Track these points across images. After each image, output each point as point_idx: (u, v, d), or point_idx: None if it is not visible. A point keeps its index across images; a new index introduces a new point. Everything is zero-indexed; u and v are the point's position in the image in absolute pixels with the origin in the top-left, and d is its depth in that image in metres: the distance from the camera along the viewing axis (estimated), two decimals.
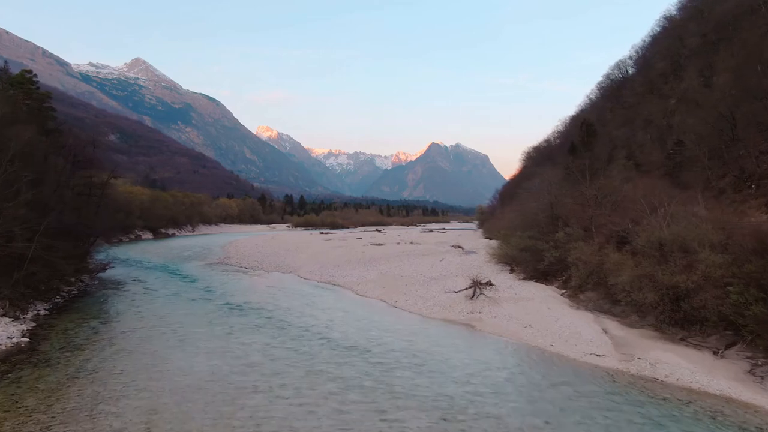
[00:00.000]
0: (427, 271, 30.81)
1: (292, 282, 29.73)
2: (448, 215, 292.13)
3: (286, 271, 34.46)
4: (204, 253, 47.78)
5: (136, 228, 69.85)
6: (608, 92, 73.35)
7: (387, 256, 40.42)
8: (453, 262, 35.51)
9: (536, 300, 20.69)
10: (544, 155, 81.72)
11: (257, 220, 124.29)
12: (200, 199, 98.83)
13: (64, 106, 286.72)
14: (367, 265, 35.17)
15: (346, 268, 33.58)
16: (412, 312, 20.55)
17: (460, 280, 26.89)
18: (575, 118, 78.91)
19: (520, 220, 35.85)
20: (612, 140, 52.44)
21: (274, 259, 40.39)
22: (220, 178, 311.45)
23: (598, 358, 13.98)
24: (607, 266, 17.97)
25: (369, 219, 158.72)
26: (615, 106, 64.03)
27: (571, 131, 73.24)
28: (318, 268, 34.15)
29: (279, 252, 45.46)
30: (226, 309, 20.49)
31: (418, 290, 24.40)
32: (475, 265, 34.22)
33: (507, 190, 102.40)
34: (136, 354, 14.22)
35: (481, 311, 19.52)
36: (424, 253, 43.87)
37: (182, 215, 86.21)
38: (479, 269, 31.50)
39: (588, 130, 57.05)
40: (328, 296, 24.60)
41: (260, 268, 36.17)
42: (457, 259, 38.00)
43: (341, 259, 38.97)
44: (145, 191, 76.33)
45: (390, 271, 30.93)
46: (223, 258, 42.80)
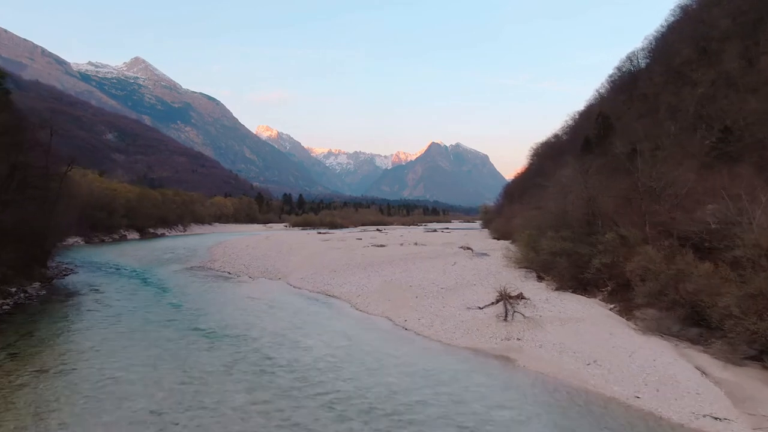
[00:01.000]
0: (439, 278, 25.98)
1: (280, 292, 24.89)
2: (449, 215, 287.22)
3: (275, 278, 29.62)
4: (187, 256, 42.96)
5: (120, 228, 65.03)
6: (620, 85, 69.10)
7: (390, 260, 35.63)
8: (467, 267, 30.70)
9: (588, 321, 15.87)
10: (554, 150, 76.90)
11: (253, 219, 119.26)
12: (192, 198, 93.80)
13: (62, 104, 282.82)
14: (368, 270, 30.37)
15: (343, 274, 28.77)
16: (429, 337, 15.73)
17: (480, 290, 22.12)
18: (585, 113, 74.49)
19: (543, 219, 31.05)
20: (632, 133, 47.99)
21: (263, 263, 35.57)
22: (219, 178, 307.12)
23: (719, 424, 9.20)
24: (694, 280, 13.16)
25: (369, 218, 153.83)
26: (631, 98, 59.42)
27: (581, 126, 68.78)
28: (311, 274, 29.33)
29: (269, 254, 40.64)
30: (190, 337, 15.48)
31: (432, 305, 19.57)
32: (492, 270, 29.48)
33: (514, 187, 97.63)
34: None
35: (519, 337, 14.72)
36: (432, 256, 39.07)
37: (173, 214, 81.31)
38: (498, 275, 26.76)
39: (604, 122, 52.71)
40: (323, 314, 19.73)
41: (245, 274, 31.35)
42: (470, 263, 33.19)
43: (339, 262, 34.16)
44: (132, 188, 71.49)
45: (395, 279, 26.09)
46: (206, 261, 37.99)
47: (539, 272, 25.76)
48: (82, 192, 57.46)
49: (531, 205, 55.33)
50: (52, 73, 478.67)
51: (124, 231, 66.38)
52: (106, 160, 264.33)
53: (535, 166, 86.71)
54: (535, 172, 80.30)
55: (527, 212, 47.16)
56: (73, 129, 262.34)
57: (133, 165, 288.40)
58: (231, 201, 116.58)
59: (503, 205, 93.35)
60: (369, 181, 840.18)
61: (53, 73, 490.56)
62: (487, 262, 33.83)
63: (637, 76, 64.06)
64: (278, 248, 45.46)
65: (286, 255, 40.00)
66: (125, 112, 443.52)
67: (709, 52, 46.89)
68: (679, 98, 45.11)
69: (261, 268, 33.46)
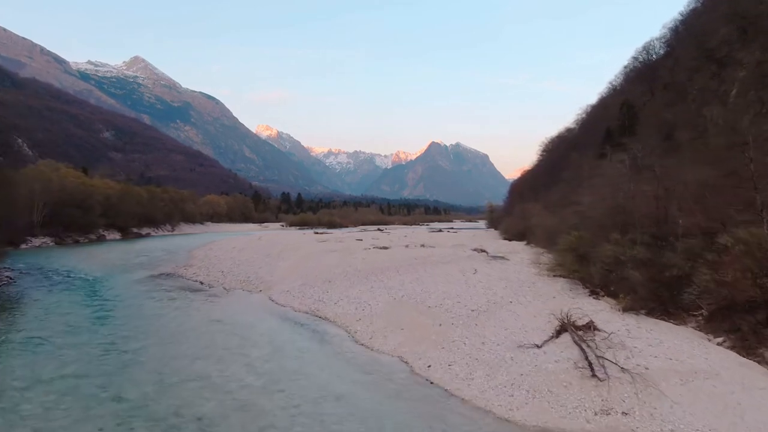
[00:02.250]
0: (463, 292, 20.04)
1: (257, 313, 18.88)
2: (451, 214, 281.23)
3: (255, 290, 23.68)
4: (162, 260, 37.01)
5: (98, 227, 59.06)
6: (638, 76, 63.78)
7: (396, 265, 29.69)
8: (491, 276, 24.77)
9: (724, 377, 9.91)
10: (568, 144, 71.06)
11: (249, 218, 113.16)
12: (183, 196, 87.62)
13: (59, 102, 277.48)
14: (370, 279, 24.44)
15: (340, 286, 22.83)
16: (470, 401, 9.77)
17: (522, 311, 16.28)
18: (599, 106, 69.17)
19: (591, 218, 25.16)
20: (661, 122, 42.34)
21: (246, 270, 29.62)
22: (218, 176, 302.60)
23: None
24: None
25: (369, 218, 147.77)
26: (651, 88, 53.66)
27: (596, 119, 63.26)
28: (300, 286, 23.39)
29: (256, 258, 34.66)
30: (98, 408, 9.64)
31: (465, 338, 13.59)
32: (523, 278, 23.61)
33: (522, 185, 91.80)
34: None
35: (626, 410, 8.78)
36: (444, 260, 33.13)
37: (160, 213, 75.29)
38: (534, 287, 20.90)
39: (629, 112, 47.19)
40: (311, 354, 13.55)
41: (221, 284, 25.41)
42: (493, 270, 27.25)
43: (335, 269, 28.20)
44: (113, 185, 65.42)
45: (406, 293, 20.11)
46: (180, 267, 32.01)
47: (590, 285, 19.86)
48: (51, 188, 51.64)
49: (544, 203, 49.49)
50: (51, 72, 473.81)
51: (103, 231, 60.43)
52: (104, 159, 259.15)
53: (546, 161, 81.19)
54: (548, 168, 74.67)
55: (546, 211, 41.20)
56: (70, 127, 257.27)
57: (131, 163, 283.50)
58: (225, 199, 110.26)
59: (512, 204, 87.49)
60: (369, 180, 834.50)
61: (52, 71, 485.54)
62: (513, 269, 27.92)
63: (657, 65, 58.75)
64: (267, 251, 39.52)
65: (275, 259, 34.04)
66: (124, 111, 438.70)
67: (758, 29, 41.17)
68: (720, 81, 39.50)
69: (242, 276, 27.53)
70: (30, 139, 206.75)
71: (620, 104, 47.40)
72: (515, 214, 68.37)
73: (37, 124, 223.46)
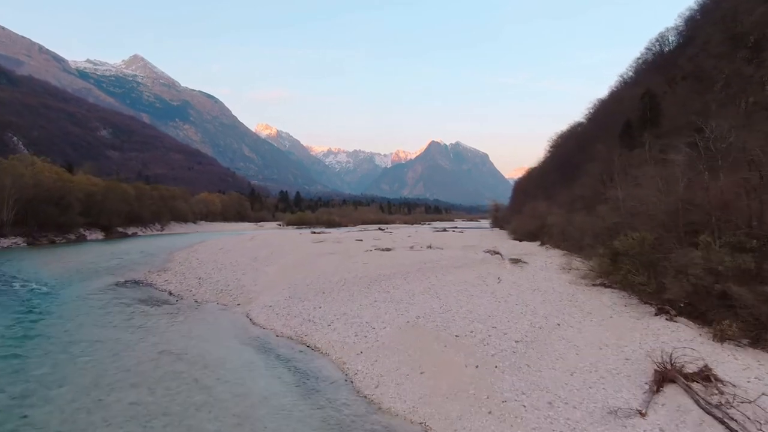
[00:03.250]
0: (493, 309, 15.58)
1: (226, 340, 14.25)
2: (452, 213, 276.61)
3: (232, 304, 19.20)
4: (138, 263, 32.46)
5: (78, 226, 54.48)
6: (653, 67, 59.64)
7: (403, 271, 25.25)
8: (521, 286, 20.31)
9: None
10: (581, 140, 66.64)
11: (245, 217, 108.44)
12: (174, 193, 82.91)
13: (55, 100, 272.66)
14: (373, 289, 20.00)
15: (336, 299, 18.35)
16: None
17: (579, 340, 11.89)
18: (610, 101, 64.91)
19: (631, 217, 20.73)
20: (688, 111, 38.05)
21: (227, 276, 25.13)
22: (216, 175, 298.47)
23: None
24: None
25: (369, 217, 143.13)
26: (670, 79, 49.28)
27: (608, 112, 58.95)
28: (287, 299, 18.88)
29: (241, 262, 30.15)
30: None
31: (520, 392, 9.00)
32: (558, 288, 19.20)
33: (529, 183, 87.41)
34: None
35: None
36: (458, 264, 28.69)
37: (148, 211, 70.69)
38: (575, 300, 16.55)
39: (651, 102, 42.90)
40: (291, 416, 9.08)
41: (192, 296, 20.91)
42: (521, 279, 22.76)
43: (331, 276, 23.72)
44: (97, 181, 60.80)
45: (422, 312, 15.58)
46: (154, 272, 27.51)
47: (653, 301, 15.41)
48: (24, 183, 47.13)
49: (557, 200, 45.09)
50: (49, 70, 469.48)
51: (84, 230, 55.87)
52: (101, 157, 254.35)
53: (555, 158, 76.90)
54: (558, 164, 70.35)
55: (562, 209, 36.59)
56: (67, 125, 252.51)
57: (128, 162, 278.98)
58: (219, 197, 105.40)
59: (518, 202, 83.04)
60: (368, 179, 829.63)
61: (51, 70, 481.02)
62: (540, 276, 23.48)
63: (675, 55, 54.55)
64: (256, 253, 35.03)
65: (263, 263, 29.55)
66: (123, 109, 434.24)
67: None
68: (757, 65, 35.21)
69: (220, 284, 23.05)
70: (25, 137, 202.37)
71: (641, 95, 43.05)
72: (525, 213, 63.87)
73: (32, 122, 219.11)
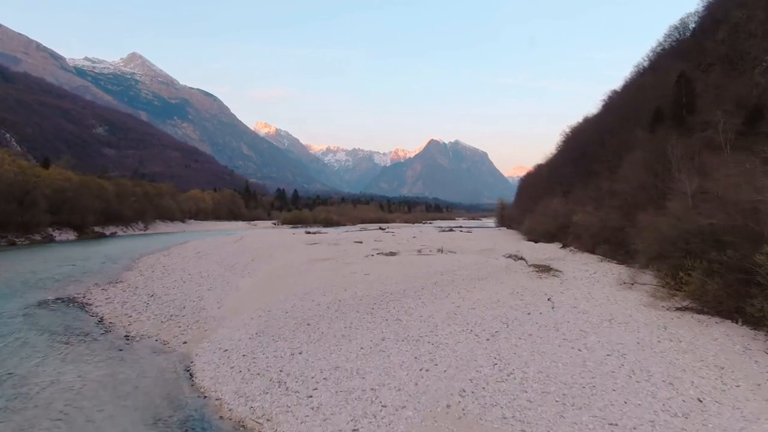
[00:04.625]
0: (580, 370, 9.71)
1: (131, 427, 8.52)
2: (453, 212, 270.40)
3: (175, 343, 13.12)
4: (92, 271, 26.42)
5: (45, 225, 48.42)
6: (677, 53, 54.22)
7: (416, 286, 19.34)
8: (590, 315, 14.37)
9: None
10: (598, 132, 60.64)
11: (238, 216, 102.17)
12: (160, 190, 76.71)
13: (51, 97, 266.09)
14: (377, 318, 14.08)
15: (324, 339, 12.28)
16: None
17: None
18: (626, 91, 59.12)
19: None
20: (728, 97, 32.50)
21: (188, 292, 19.15)
22: (213, 173, 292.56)
23: None
24: None
25: (369, 216, 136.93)
26: (698, 64, 43.61)
27: (625, 103, 53.08)
28: (252, 338, 12.74)
29: (213, 271, 24.17)
30: None
31: None
32: (639, 317, 13.37)
33: (538, 180, 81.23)
34: None
35: None
36: (480, 275, 22.81)
37: (130, 209, 64.58)
38: (692, 347, 10.72)
39: (687, 86, 37.27)
40: None
41: (127, 326, 14.87)
42: (581, 302, 16.82)
43: (321, 296, 17.73)
44: (68, 176, 54.62)
45: (469, 383, 9.74)
46: (102, 285, 21.50)
47: None
48: None
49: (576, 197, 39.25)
50: (47, 68, 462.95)
51: (53, 230, 49.84)
52: (96, 155, 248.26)
53: (568, 152, 70.98)
54: (574, 158, 64.42)
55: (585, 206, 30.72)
56: (62, 122, 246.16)
57: (124, 159, 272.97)
58: (210, 195, 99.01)
59: (530, 200, 76.94)
60: (368, 178, 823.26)
61: (48, 67, 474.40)
62: (601, 295, 17.61)
63: (699, 40, 48.95)
64: (236, 258, 29.09)
65: (240, 273, 23.63)
66: (121, 107, 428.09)
67: None
68: None
69: (173, 306, 17.11)
70: (18, 134, 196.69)
71: (675, 79, 37.20)
72: (538, 212, 57.78)
73: (26, 119, 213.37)
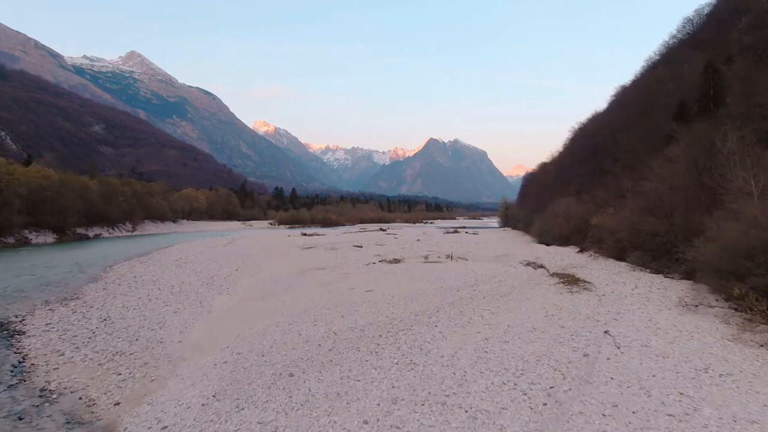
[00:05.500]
0: None
1: None
2: (453, 211, 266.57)
3: (102, 407, 8.90)
4: (51, 283, 22.55)
5: (19, 227, 44.58)
6: (684, 45, 51.22)
7: (430, 307, 15.53)
8: (679, 365, 10.72)
9: None
10: (613, 126, 56.91)
11: (233, 215, 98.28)
12: (150, 189, 72.81)
13: (47, 95, 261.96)
14: (385, 360, 10.28)
15: (309, 404, 8.35)
16: None
17: None
18: (634, 86, 55.53)
19: None
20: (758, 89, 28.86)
21: (149, 315, 15.30)
22: (211, 171, 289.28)
23: None
24: None
25: (368, 215, 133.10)
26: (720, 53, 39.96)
27: (638, 97, 49.40)
28: (205, 405, 8.77)
29: (188, 285, 20.37)
30: None
31: None
32: (748, 367, 9.62)
33: (544, 178, 77.23)
34: None
35: None
36: (502, 290, 19.03)
37: (117, 209, 60.73)
38: None
39: (715, 77, 33.58)
40: None
41: (49, 372, 11.07)
42: (651, 340, 13.02)
43: (310, 328, 13.91)
44: (48, 174, 50.72)
45: None
46: (52, 302, 17.57)
47: None
48: None
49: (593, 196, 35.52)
50: (45, 66, 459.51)
51: (29, 232, 46.02)
52: (92, 153, 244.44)
53: (579, 150, 67.13)
54: (586, 156, 60.57)
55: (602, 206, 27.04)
56: (58, 120, 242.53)
57: (121, 158, 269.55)
58: (204, 194, 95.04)
59: (538, 200, 72.95)
60: (367, 177, 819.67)
61: (46, 66, 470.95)
62: (660, 319, 13.87)
63: (716, 31, 45.36)
64: (218, 268, 25.32)
65: (218, 288, 19.86)
66: (119, 106, 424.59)
67: None
68: None
69: (125, 337, 13.29)
70: (13, 132, 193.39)
71: (702, 70, 33.44)
72: (550, 212, 53.86)
73: (21, 116, 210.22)
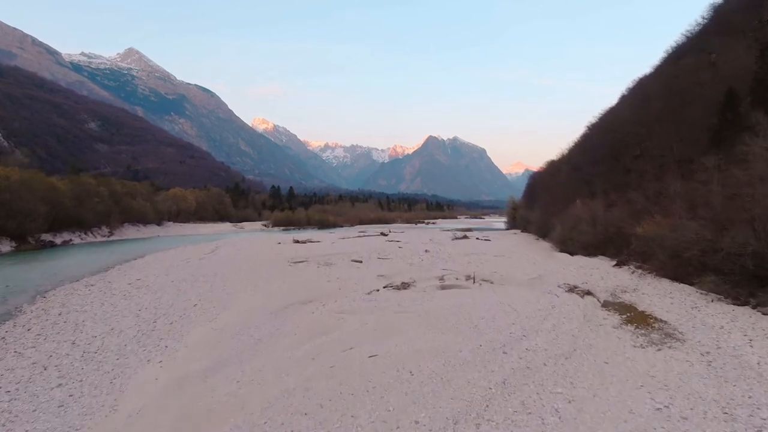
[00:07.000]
0: None
1: None
2: (455, 210, 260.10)
3: None
4: None
5: None
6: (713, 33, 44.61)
7: (475, 399, 9.35)
8: None
9: None
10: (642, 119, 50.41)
11: (225, 216, 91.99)
12: (131, 189, 66.52)
13: (42, 91, 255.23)
14: None
15: None
16: None
17: None
18: (654, 77, 49.08)
19: None
20: None
21: (59, 395, 9.33)
22: (209, 169, 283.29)
23: None
24: None
25: (368, 215, 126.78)
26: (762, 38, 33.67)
27: (658, 89, 42.93)
28: None
29: (112, 341, 14.09)
30: None
31: None
32: None
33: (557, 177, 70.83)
34: None
35: None
36: (561, 348, 12.54)
37: (91, 212, 54.38)
38: None
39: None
40: None
41: None
42: None
43: None
44: (7, 173, 44.37)
45: None
46: None
47: None
48: None
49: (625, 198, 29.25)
50: (42, 63, 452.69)
51: None
52: (87, 150, 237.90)
53: (597, 147, 60.74)
54: (603, 155, 54.22)
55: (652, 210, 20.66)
56: (52, 116, 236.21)
57: (117, 155, 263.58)
58: (193, 194, 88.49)
59: (552, 202, 66.52)
60: (366, 174, 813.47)
61: (43, 62, 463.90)
62: None
63: (747, 17, 39.13)
64: (175, 297, 19.03)
65: (154, 345, 13.60)
66: (117, 103, 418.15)
67: None
68: None
69: None
70: (5, 129, 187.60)
71: (759, 53, 27.15)
72: (571, 215, 47.26)
73: (14, 113, 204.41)
